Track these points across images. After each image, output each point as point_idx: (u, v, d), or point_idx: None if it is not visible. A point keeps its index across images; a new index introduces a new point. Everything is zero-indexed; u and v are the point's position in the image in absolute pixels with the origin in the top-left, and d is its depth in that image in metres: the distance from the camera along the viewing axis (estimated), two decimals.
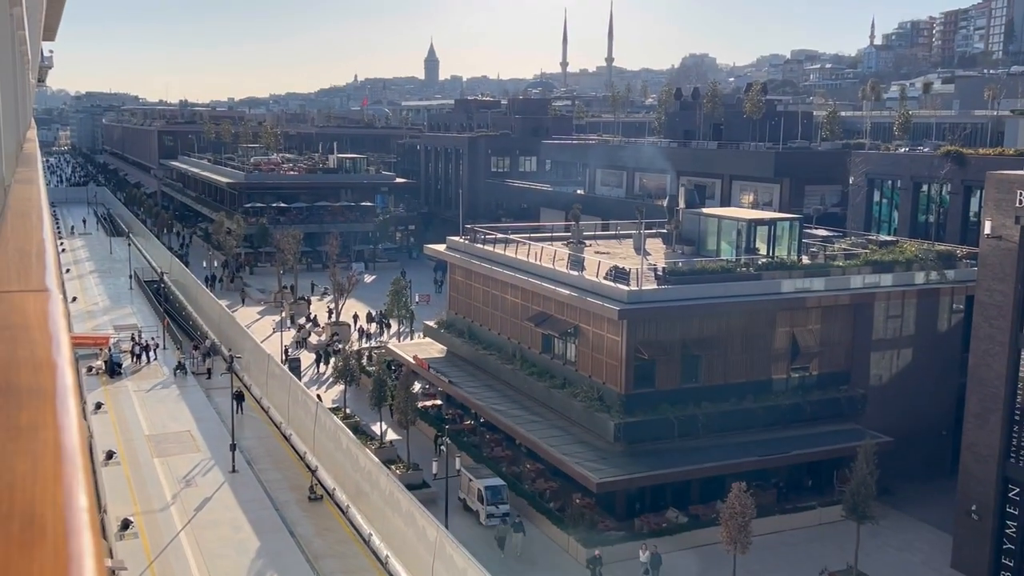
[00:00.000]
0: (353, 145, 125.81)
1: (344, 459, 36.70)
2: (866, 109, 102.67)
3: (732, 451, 35.94)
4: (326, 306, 71.77)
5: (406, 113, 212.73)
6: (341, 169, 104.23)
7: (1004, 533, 33.35)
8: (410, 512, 30.37)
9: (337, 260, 74.49)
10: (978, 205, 46.62)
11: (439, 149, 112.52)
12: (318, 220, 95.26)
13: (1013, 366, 32.77)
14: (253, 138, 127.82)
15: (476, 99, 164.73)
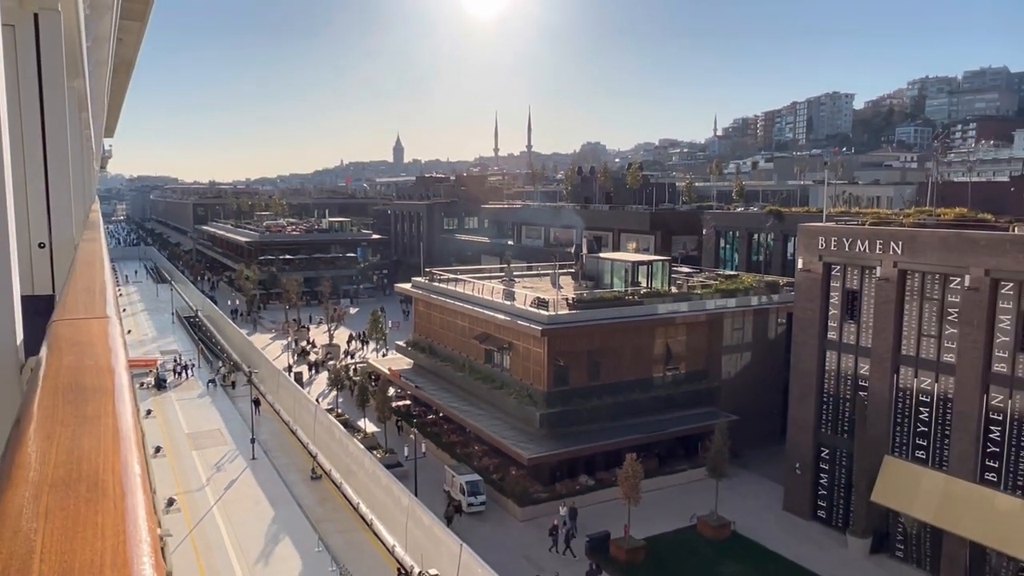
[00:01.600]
0: (340, 211, 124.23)
1: (337, 447, 35.88)
2: (713, 181, 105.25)
3: (626, 431, 36.02)
4: (323, 332, 70.44)
5: (380, 187, 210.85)
6: (331, 229, 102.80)
7: (819, 482, 33.93)
8: (388, 486, 29.80)
9: (329, 297, 73.48)
10: (793, 248, 47.82)
11: (405, 213, 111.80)
12: (315, 268, 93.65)
13: (821, 363, 33.54)
14: (265, 207, 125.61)
15: (432, 176, 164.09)
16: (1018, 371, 26.22)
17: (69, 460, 1.30)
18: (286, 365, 58.18)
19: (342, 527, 30.91)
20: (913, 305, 29.65)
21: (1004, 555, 26.43)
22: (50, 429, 1.43)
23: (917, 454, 29.63)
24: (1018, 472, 26.33)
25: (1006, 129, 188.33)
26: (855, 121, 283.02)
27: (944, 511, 27.98)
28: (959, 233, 28.42)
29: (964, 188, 53.43)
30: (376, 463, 31.99)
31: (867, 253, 30.85)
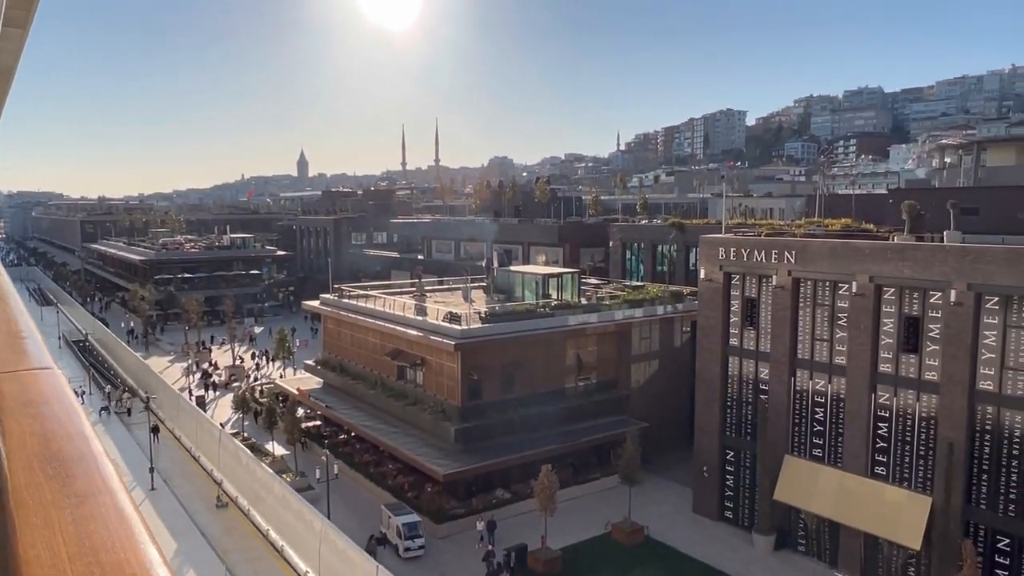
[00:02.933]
0: (243, 227, 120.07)
1: (244, 473, 34.44)
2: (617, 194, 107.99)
3: (540, 442, 36.21)
4: (226, 353, 67.72)
5: (284, 202, 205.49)
6: (233, 246, 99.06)
7: (725, 484, 35.15)
8: (299, 510, 28.80)
9: (232, 316, 70.81)
10: (695, 258, 49.65)
11: (311, 228, 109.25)
12: (216, 286, 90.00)
13: (724, 368, 34.85)
14: (161, 224, 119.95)
15: (338, 190, 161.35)
16: (901, 371, 28.06)
17: (83, 552, 1.16)
18: (187, 389, 55.57)
19: (251, 556, 29.65)
20: (807, 311, 31.28)
21: (894, 544, 28.12)
22: (45, 513, 1.27)
23: (814, 452, 31.19)
24: (904, 465, 28.13)
25: (882, 145, 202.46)
26: (748, 137, 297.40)
27: (840, 505, 29.54)
28: (846, 243, 30.24)
29: (848, 200, 56.81)
30: (286, 487, 30.91)
31: (764, 263, 32.35)
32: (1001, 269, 24.88)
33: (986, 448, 25.88)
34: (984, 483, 25.99)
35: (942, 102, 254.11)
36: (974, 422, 26.06)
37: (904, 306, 27.90)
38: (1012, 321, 25.08)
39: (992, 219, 33.77)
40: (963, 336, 25.94)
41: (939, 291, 26.62)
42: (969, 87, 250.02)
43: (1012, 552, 25.39)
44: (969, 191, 60.10)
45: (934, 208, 32.67)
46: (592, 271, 58.88)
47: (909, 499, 27.62)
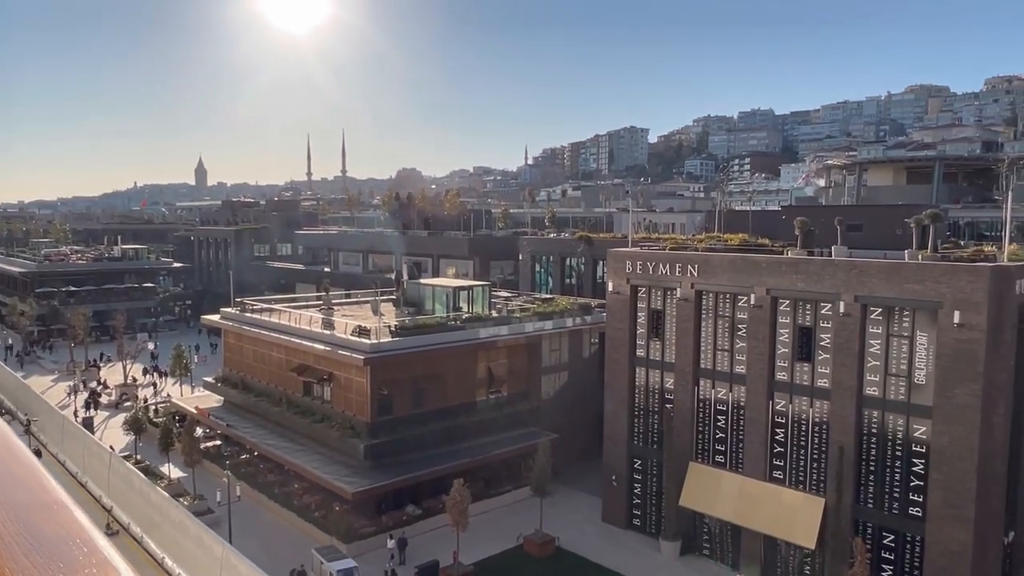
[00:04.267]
0: (135, 238, 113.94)
1: (137, 498, 32.48)
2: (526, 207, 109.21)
3: (452, 456, 35.93)
4: (117, 371, 63.93)
5: (180, 212, 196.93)
6: (125, 258, 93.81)
7: (633, 492, 35.89)
8: (198, 535, 27.39)
9: (124, 332, 67.01)
10: (602, 271, 50.75)
11: (210, 239, 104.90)
12: (105, 300, 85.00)
13: (631, 379, 35.64)
14: (44, 234, 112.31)
15: (239, 200, 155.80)
16: (796, 379, 29.53)
17: None
18: (72, 409, 52.04)
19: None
20: (709, 322, 32.47)
21: (791, 544, 29.45)
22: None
23: (717, 459, 32.32)
24: (799, 468, 29.55)
25: (774, 164, 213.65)
26: (650, 153, 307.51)
27: (741, 509, 30.71)
28: (744, 257, 31.63)
29: (745, 216, 59.50)
30: (183, 511, 29.35)
31: (668, 276, 33.39)
32: (883, 282, 26.63)
33: (872, 450, 27.53)
34: (871, 483, 27.63)
35: (827, 125, 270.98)
36: (861, 426, 27.69)
37: (798, 317, 29.40)
38: (894, 330, 26.86)
39: (874, 235, 36.17)
40: (851, 345, 27.56)
41: (829, 303, 28.21)
42: (850, 111, 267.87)
43: (896, 548, 27.07)
44: (853, 208, 64.35)
45: (822, 224, 34.63)
46: (502, 284, 59.18)
47: (804, 501, 29.02)
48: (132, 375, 61.57)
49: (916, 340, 26.24)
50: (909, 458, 26.54)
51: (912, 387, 26.39)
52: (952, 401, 25.06)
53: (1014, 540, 27.98)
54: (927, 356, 25.93)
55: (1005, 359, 25.32)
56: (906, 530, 26.77)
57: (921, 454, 26.19)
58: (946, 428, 25.27)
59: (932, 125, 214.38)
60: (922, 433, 26.12)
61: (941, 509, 25.54)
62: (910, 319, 26.37)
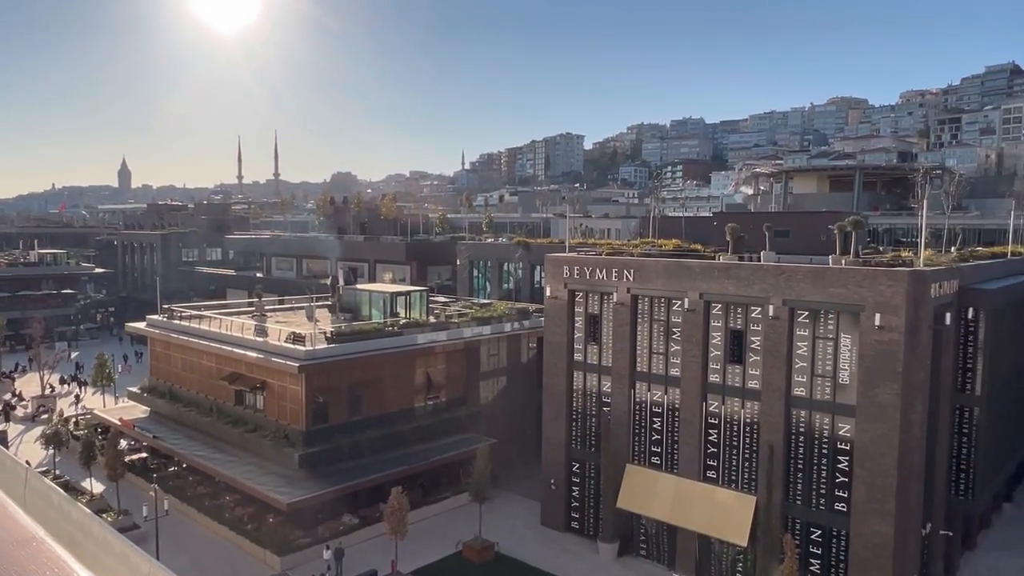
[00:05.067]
0: (54, 242, 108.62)
1: (56, 515, 30.79)
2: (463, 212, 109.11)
3: (390, 464, 35.46)
4: (37, 381, 60.77)
5: (103, 215, 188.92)
6: (42, 263, 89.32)
7: (572, 495, 36.15)
8: (123, 552, 25.98)
9: (41, 341, 63.66)
10: (540, 276, 51.13)
11: (135, 244, 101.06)
12: (20, 307, 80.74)
13: (569, 383, 35.92)
14: None
15: (166, 203, 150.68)
16: (728, 380, 30.31)
17: None
18: None
19: None
20: (644, 326, 33.03)
21: (725, 542, 30.18)
22: None
23: (653, 460, 32.88)
24: (732, 468, 30.33)
25: (705, 171, 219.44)
26: (585, 160, 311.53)
27: (676, 509, 31.30)
28: (678, 262, 32.33)
29: (678, 222, 60.90)
30: (107, 528, 27.80)
31: (605, 280, 33.83)
32: (809, 286, 27.62)
33: (800, 449, 28.49)
34: (800, 481, 28.57)
35: (754, 134, 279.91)
36: (790, 425, 28.62)
37: (730, 320, 30.20)
38: (819, 333, 27.87)
39: (800, 240, 37.52)
40: (780, 347, 28.47)
41: (759, 306, 29.08)
42: (777, 121, 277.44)
43: (824, 542, 28.06)
44: (780, 215, 66.58)
45: (751, 230, 35.75)
46: (440, 289, 58.94)
47: (737, 499, 29.79)
48: (50, 385, 58.69)
49: (840, 342, 27.30)
50: (835, 455, 27.56)
51: (837, 387, 27.43)
52: (874, 400, 26.15)
53: (931, 531, 29.36)
54: (850, 357, 27.00)
55: (922, 359, 26.58)
56: (832, 525, 27.77)
57: (846, 451, 27.24)
58: (868, 426, 26.35)
59: (852, 136, 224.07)
60: (846, 431, 27.16)
61: (864, 504, 26.60)
62: (835, 322, 27.42)
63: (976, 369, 30.95)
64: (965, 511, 32.47)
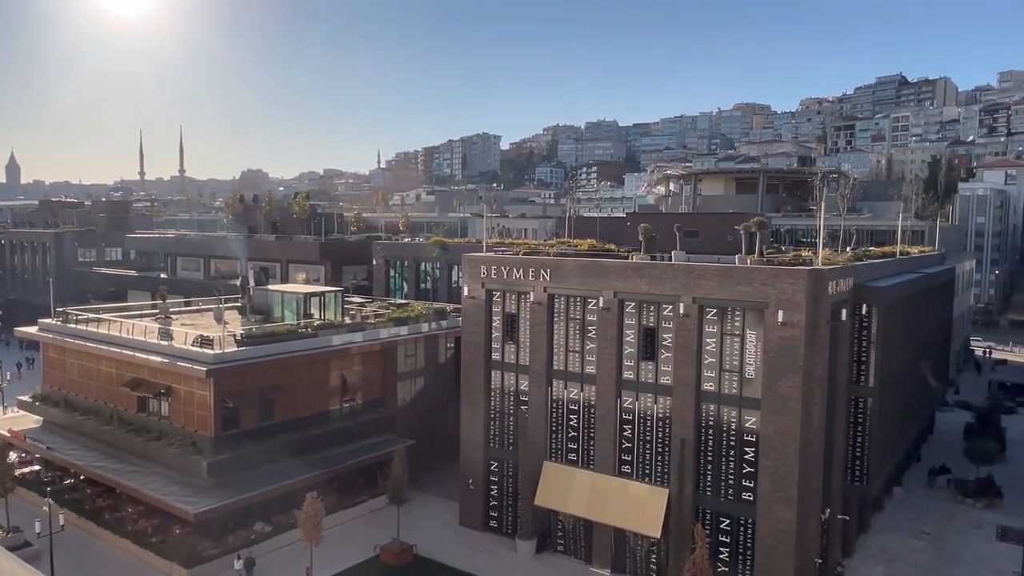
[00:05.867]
0: None
1: None
2: (379, 212, 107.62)
3: (304, 468, 34.50)
4: None
5: None
6: None
7: (490, 494, 36.26)
8: (12, 571, 24.49)
9: None
10: (457, 276, 51.04)
11: (25, 243, 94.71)
12: None
13: (487, 382, 35.99)
14: None
15: (60, 200, 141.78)
16: (642, 377, 31.07)
17: None
18: None
19: None
20: (561, 325, 33.45)
21: (639, 535, 30.93)
22: None
23: (570, 457, 33.34)
24: (645, 462, 31.10)
25: (619, 172, 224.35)
26: (503, 160, 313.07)
27: (592, 504, 31.85)
28: (594, 261, 32.89)
29: (593, 222, 62.04)
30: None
31: (522, 280, 34.07)
32: (717, 284, 28.63)
33: (710, 441, 29.50)
34: (709, 472, 29.58)
35: (665, 137, 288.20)
36: (700, 419, 29.59)
37: (643, 318, 30.96)
38: (727, 329, 28.94)
39: (709, 240, 38.83)
40: (690, 344, 29.40)
41: (670, 304, 29.93)
42: (686, 125, 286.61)
43: (732, 530, 29.15)
44: (690, 216, 68.81)
45: (663, 230, 36.76)
46: (355, 289, 57.99)
47: (650, 492, 30.58)
48: None
49: (746, 338, 28.42)
50: (742, 447, 28.68)
51: (743, 381, 28.55)
52: (777, 393, 27.36)
53: (830, 516, 30.96)
54: (756, 352, 28.15)
55: (821, 353, 27.99)
56: (740, 514, 28.89)
57: (752, 443, 28.38)
58: (773, 418, 27.54)
59: (757, 140, 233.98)
60: (752, 423, 28.31)
61: (769, 492, 27.79)
62: (741, 319, 28.52)
63: (869, 362, 32.82)
64: (860, 496, 34.38)
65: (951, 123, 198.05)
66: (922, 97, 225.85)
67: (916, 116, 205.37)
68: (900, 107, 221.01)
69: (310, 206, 77.19)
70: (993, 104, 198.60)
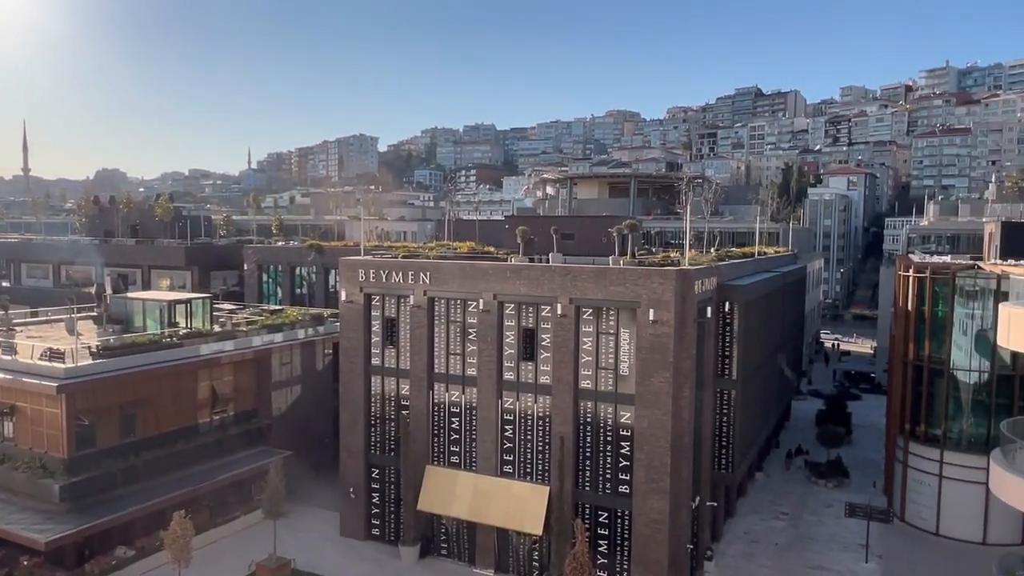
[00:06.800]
0: None
1: None
2: (251, 214, 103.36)
3: (170, 487, 32.46)
4: None
5: None
6: None
7: (371, 502, 35.65)
8: None
9: None
10: (335, 280, 49.80)
11: None
12: None
13: (367, 388, 35.40)
14: None
15: None
16: (522, 377, 31.54)
17: None
18: None
19: None
20: (441, 328, 33.39)
21: (522, 534, 31.36)
22: None
23: (452, 460, 33.32)
24: (526, 461, 31.58)
25: (497, 176, 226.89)
26: (381, 162, 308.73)
27: (475, 506, 31.99)
28: (473, 264, 33.06)
29: (472, 225, 62.33)
30: None
31: (402, 283, 33.73)
32: (592, 285, 29.54)
33: (588, 438, 30.37)
34: (588, 468, 30.44)
35: (542, 141, 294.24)
36: (579, 416, 30.40)
37: (522, 320, 31.45)
38: (602, 328, 29.91)
39: (584, 242, 39.99)
40: (568, 343, 30.15)
41: (548, 305, 30.58)
42: (561, 130, 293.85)
43: (610, 523, 30.14)
44: (566, 219, 70.54)
45: (540, 233, 37.55)
46: (226, 296, 55.36)
47: (532, 491, 31.09)
48: None
49: (620, 336, 29.49)
50: (618, 442, 29.72)
51: (618, 378, 29.60)
52: (650, 388, 28.56)
53: (699, 504, 32.65)
54: (629, 350, 29.27)
55: (688, 349, 29.47)
56: (617, 506, 29.92)
57: (627, 437, 29.47)
58: (646, 412, 28.73)
59: (628, 146, 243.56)
60: (627, 419, 29.40)
61: (644, 484, 28.96)
62: (615, 318, 29.57)
63: (732, 356, 34.89)
64: (726, 483, 36.48)
65: (801, 133, 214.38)
66: (775, 108, 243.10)
67: (770, 126, 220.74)
68: (756, 117, 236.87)
69: (174, 208, 73.03)
70: (836, 116, 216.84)
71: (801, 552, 34.82)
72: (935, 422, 37.37)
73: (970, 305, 35.86)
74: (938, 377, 37.03)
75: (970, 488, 35.70)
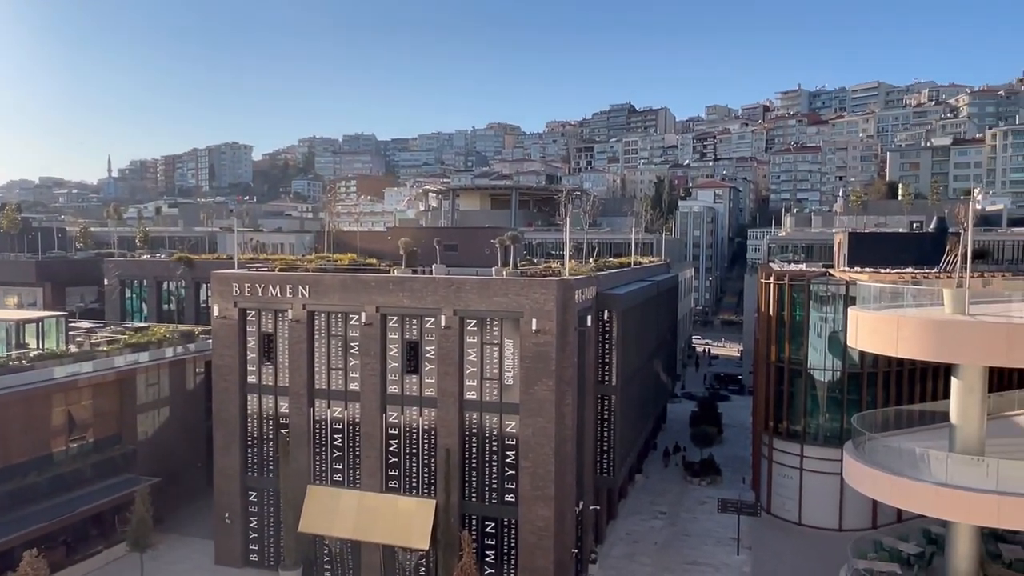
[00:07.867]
0: None
1: None
2: (112, 226, 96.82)
3: (20, 524, 29.62)
4: None
5: None
6: None
7: (249, 527, 34.05)
8: None
9: None
10: (206, 295, 47.43)
11: None
12: None
13: (243, 407, 33.85)
14: None
15: None
16: (406, 390, 31.17)
17: None
18: None
19: None
20: (322, 342, 32.47)
21: (408, 549, 30.90)
22: None
23: (335, 478, 32.39)
24: (412, 475, 31.20)
25: (379, 187, 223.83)
26: (255, 172, 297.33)
27: (360, 524, 31.22)
28: (354, 276, 32.41)
29: (353, 236, 61.21)
30: None
31: (279, 297, 32.54)
32: (476, 296, 29.69)
33: (474, 449, 30.40)
34: (475, 479, 30.45)
35: (424, 152, 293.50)
36: (464, 428, 30.38)
37: (406, 332, 31.11)
38: (487, 339, 30.09)
39: (468, 253, 40.22)
40: (452, 355, 30.10)
41: (432, 317, 30.43)
42: (443, 142, 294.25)
43: (497, 532, 30.26)
44: (449, 230, 70.68)
45: (423, 244, 37.40)
46: (84, 314, 51.51)
47: (418, 505, 30.72)
48: None
49: (504, 346, 29.77)
50: (504, 451, 29.93)
51: (503, 388, 29.85)
52: (533, 397, 28.99)
53: (583, 508, 33.40)
54: (513, 359, 29.60)
55: (570, 357, 30.17)
56: (504, 515, 30.09)
57: (512, 446, 29.74)
58: (530, 421, 29.12)
59: (509, 158, 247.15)
60: (512, 428, 29.68)
61: (530, 492, 29.30)
62: (499, 328, 29.83)
63: (612, 363, 36.01)
64: (608, 486, 37.54)
65: (671, 148, 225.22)
66: (648, 124, 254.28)
67: (643, 141, 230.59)
68: (630, 132, 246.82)
69: (22, 219, 67.12)
70: (703, 133, 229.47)
71: (679, 549, 36.33)
72: (796, 419, 40.12)
73: (823, 310, 38.84)
74: (797, 377, 39.79)
75: (827, 479, 38.54)
